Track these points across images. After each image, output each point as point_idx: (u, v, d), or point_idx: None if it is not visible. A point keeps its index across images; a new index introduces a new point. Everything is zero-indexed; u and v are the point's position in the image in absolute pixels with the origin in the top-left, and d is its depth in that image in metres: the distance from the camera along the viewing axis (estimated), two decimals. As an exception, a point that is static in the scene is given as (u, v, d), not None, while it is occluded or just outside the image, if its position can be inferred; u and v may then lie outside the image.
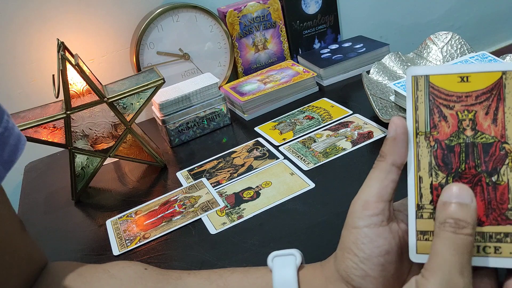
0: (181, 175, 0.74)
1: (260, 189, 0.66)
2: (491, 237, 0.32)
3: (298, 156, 0.71)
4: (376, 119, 0.76)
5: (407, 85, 0.35)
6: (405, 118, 0.35)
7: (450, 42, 0.85)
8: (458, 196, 0.30)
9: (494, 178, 0.32)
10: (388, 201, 0.35)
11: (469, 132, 0.33)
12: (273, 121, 0.83)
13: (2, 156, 0.34)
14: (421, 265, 0.35)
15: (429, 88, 0.34)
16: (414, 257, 0.33)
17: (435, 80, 0.34)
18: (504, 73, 0.32)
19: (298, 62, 1.01)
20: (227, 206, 0.64)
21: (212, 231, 0.60)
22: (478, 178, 0.32)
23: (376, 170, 0.35)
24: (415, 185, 0.34)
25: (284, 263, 0.39)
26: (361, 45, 0.99)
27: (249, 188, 0.66)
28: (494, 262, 0.32)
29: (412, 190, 0.34)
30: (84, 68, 0.68)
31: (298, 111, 0.85)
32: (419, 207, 0.33)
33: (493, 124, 0.32)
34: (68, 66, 0.65)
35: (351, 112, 0.80)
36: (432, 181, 0.33)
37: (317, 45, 1.06)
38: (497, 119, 0.32)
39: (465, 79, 0.33)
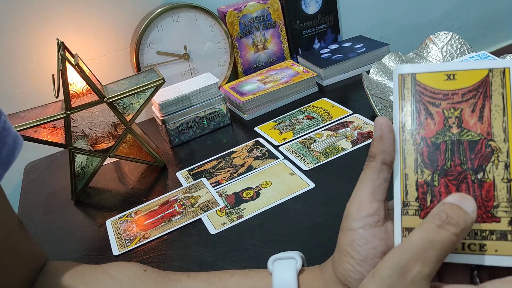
0: (181, 175, 0.74)
1: (260, 189, 0.66)
2: (477, 235, 0.32)
3: (298, 156, 0.71)
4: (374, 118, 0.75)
5: (394, 83, 0.35)
6: (391, 117, 0.35)
7: (450, 42, 0.85)
8: (461, 202, 0.30)
9: (479, 176, 0.32)
10: (382, 201, 0.35)
11: (455, 130, 0.33)
12: (273, 121, 0.83)
13: (0, 155, 0.34)
14: None
15: (416, 86, 0.34)
16: None
17: (421, 78, 0.34)
18: (490, 70, 0.33)
19: (298, 62, 1.01)
20: (227, 206, 0.64)
21: (212, 231, 0.60)
22: (463, 175, 0.32)
23: (367, 170, 0.35)
24: (400, 182, 0.34)
25: (284, 266, 0.39)
26: (361, 45, 0.99)
27: (249, 188, 0.66)
28: (479, 259, 0.32)
29: (398, 187, 0.34)
30: (84, 68, 0.68)
31: (298, 111, 0.85)
32: (404, 204, 0.33)
33: (479, 122, 0.33)
34: (68, 66, 0.65)
35: (351, 112, 0.80)
36: (417, 179, 0.33)
37: (317, 45, 1.06)
38: (483, 116, 0.32)
39: (451, 77, 0.34)
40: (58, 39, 0.69)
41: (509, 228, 0.31)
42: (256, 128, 0.82)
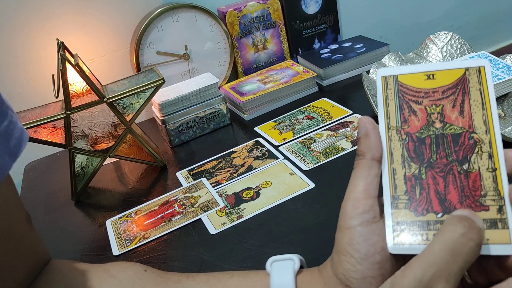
0: (181, 175, 0.74)
1: (260, 189, 0.66)
2: None
3: (298, 156, 0.71)
4: (376, 119, 0.75)
5: (377, 85, 0.37)
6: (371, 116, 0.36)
7: (450, 42, 0.85)
8: (473, 216, 0.30)
9: (465, 167, 0.33)
10: (376, 197, 0.35)
11: (438, 124, 0.35)
12: (273, 121, 0.83)
13: (8, 147, 0.35)
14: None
15: (398, 86, 0.37)
16: (392, 248, 0.33)
17: (403, 79, 0.37)
18: (467, 69, 0.35)
19: (298, 62, 1.01)
20: (227, 206, 0.64)
21: (212, 231, 0.60)
22: (449, 167, 0.34)
23: (358, 168, 0.35)
24: (389, 177, 0.35)
25: (282, 268, 0.39)
26: (361, 45, 0.99)
27: (249, 188, 0.66)
28: None
29: (386, 182, 0.35)
30: (84, 68, 0.68)
31: (298, 111, 0.85)
32: (394, 198, 0.34)
33: (461, 116, 0.34)
34: (68, 66, 0.65)
35: (351, 112, 0.80)
36: (405, 172, 0.35)
37: (317, 45, 1.06)
38: (463, 111, 0.34)
39: (431, 76, 0.36)
40: (58, 39, 0.69)
41: (498, 216, 0.32)
42: (256, 128, 0.82)
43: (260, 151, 0.75)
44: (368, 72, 0.83)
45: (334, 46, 1.03)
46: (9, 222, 0.37)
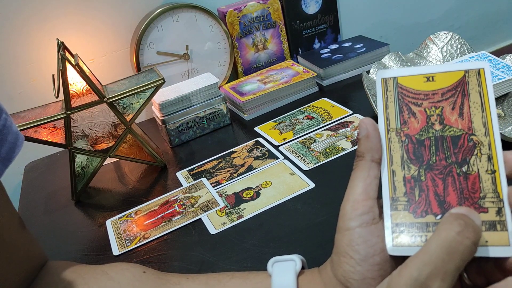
0: (181, 175, 0.74)
1: (260, 189, 0.66)
2: None
3: (298, 156, 0.71)
4: (376, 119, 0.75)
5: (377, 87, 0.37)
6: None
7: (450, 42, 0.85)
8: (470, 214, 0.30)
9: (464, 169, 0.33)
10: (375, 198, 0.35)
11: (437, 126, 0.35)
12: (273, 121, 0.83)
13: (0, 152, 0.34)
14: None
15: (398, 88, 0.37)
16: (391, 250, 0.33)
17: (403, 81, 0.37)
18: (466, 71, 0.35)
19: (298, 62, 1.01)
20: (227, 206, 0.64)
21: (212, 231, 0.60)
22: (449, 169, 0.34)
23: (358, 169, 0.35)
24: (388, 178, 0.35)
25: (284, 268, 0.39)
26: (361, 45, 0.99)
27: (249, 188, 0.66)
28: None
29: (386, 184, 0.35)
30: (84, 68, 0.68)
31: (298, 111, 0.85)
32: (393, 200, 0.34)
33: (460, 118, 0.35)
34: (68, 66, 0.65)
35: (351, 112, 0.80)
36: (405, 174, 0.35)
37: (317, 45, 1.06)
38: (463, 113, 0.35)
39: (430, 78, 0.36)
40: (58, 39, 0.69)
41: (497, 218, 0.32)
42: (256, 128, 0.82)
43: (260, 151, 0.75)
44: (368, 72, 0.83)
45: (334, 46, 1.03)
46: (1, 228, 0.37)
